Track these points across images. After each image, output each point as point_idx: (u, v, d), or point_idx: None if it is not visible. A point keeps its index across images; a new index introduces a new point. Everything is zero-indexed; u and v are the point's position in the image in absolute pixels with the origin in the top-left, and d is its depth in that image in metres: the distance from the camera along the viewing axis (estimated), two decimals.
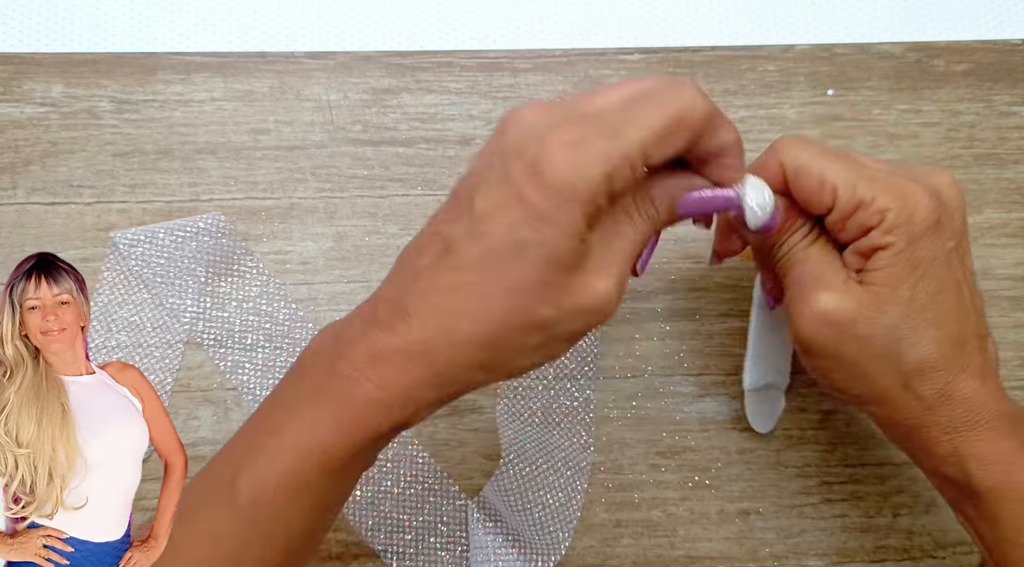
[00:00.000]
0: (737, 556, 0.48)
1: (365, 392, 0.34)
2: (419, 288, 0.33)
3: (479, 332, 0.33)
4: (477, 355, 0.34)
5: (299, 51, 0.52)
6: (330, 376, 0.34)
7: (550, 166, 0.32)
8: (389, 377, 0.34)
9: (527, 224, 0.32)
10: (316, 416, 0.34)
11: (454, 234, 0.33)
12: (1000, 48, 0.54)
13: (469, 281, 0.33)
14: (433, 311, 0.33)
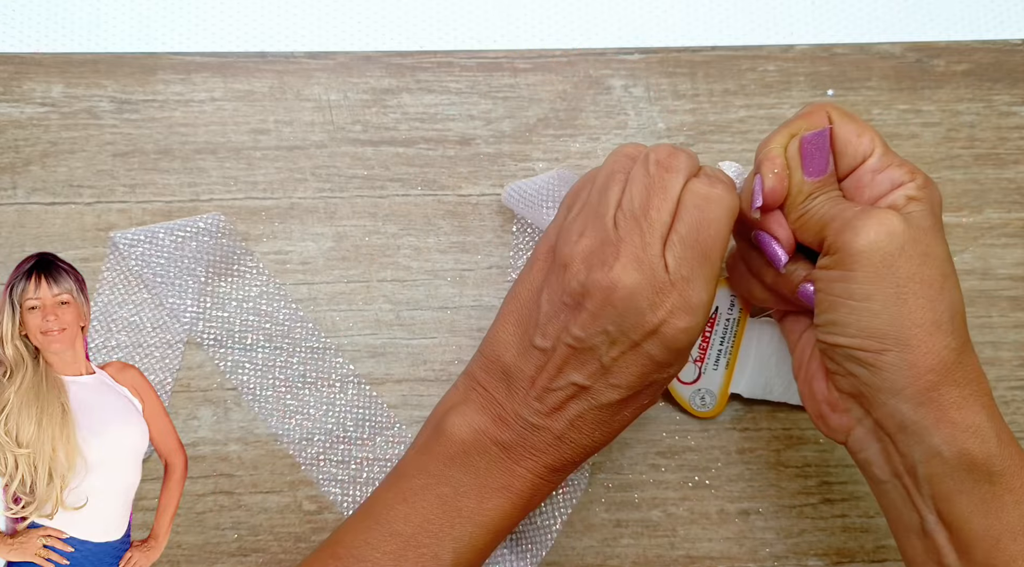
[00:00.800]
0: (737, 556, 0.48)
1: (546, 490, 0.42)
2: (573, 425, 0.40)
3: (617, 430, 0.42)
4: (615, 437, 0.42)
5: (299, 51, 0.52)
6: (516, 479, 0.41)
7: (674, 339, 0.38)
8: (562, 479, 0.42)
9: (658, 371, 0.39)
10: (509, 509, 0.41)
11: (591, 383, 0.40)
12: (1000, 48, 0.54)
13: (613, 413, 0.40)
14: (586, 437, 0.41)
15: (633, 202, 0.39)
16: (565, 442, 0.40)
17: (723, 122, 0.52)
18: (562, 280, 0.39)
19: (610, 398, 0.40)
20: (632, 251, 0.38)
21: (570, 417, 0.40)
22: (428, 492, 0.40)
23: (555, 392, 0.40)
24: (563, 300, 0.39)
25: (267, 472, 0.47)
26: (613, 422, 0.41)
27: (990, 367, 0.50)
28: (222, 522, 0.47)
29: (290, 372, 0.48)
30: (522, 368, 0.40)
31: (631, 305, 0.38)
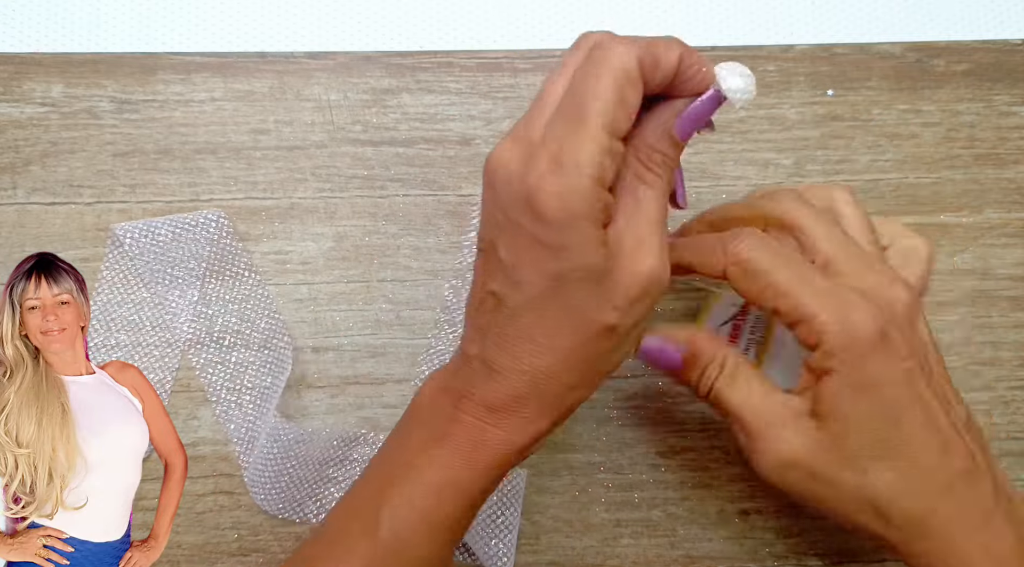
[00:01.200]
0: (737, 556, 0.48)
1: (492, 436, 0.37)
2: (493, 343, 0.36)
3: (560, 360, 0.36)
4: (568, 378, 0.36)
5: (299, 51, 0.52)
6: (455, 424, 0.37)
7: (545, 205, 0.34)
8: (508, 420, 0.37)
9: (552, 258, 0.34)
10: (450, 459, 0.37)
11: (499, 289, 0.36)
12: (1000, 48, 0.54)
13: (529, 323, 0.36)
14: (515, 360, 0.36)
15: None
16: (494, 369, 0.36)
17: (723, 122, 0.52)
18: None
19: (517, 300, 0.35)
20: (515, 130, 0.36)
21: (492, 335, 0.36)
22: (380, 459, 0.39)
23: (480, 311, 0.37)
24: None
25: None
26: (536, 338, 0.36)
27: (990, 367, 0.50)
28: (222, 522, 0.47)
29: (259, 381, 0.48)
30: (466, 302, 0.39)
31: (505, 178, 0.35)
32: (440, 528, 0.37)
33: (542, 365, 0.36)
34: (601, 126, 0.34)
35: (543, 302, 0.35)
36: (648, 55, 0.35)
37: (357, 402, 0.49)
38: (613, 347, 0.37)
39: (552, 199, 0.34)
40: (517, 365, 0.36)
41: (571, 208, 0.34)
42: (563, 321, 0.35)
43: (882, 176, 0.52)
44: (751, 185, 0.51)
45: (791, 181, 0.52)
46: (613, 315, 0.35)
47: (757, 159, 0.52)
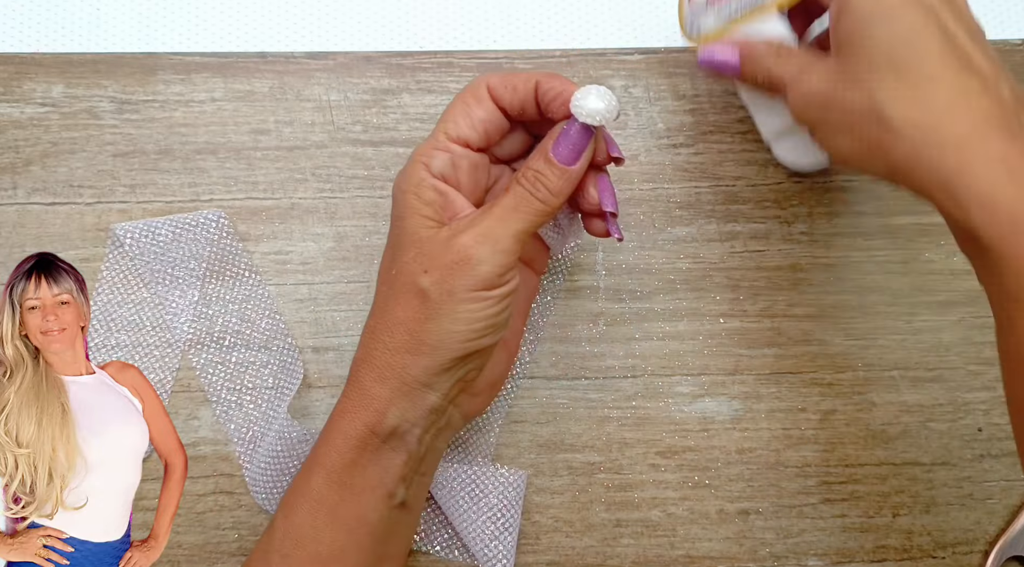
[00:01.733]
0: (737, 556, 0.48)
1: (339, 406, 0.40)
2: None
3: (384, 320, 0.40)
4: (391, 338, 0.40)
5: (299, 51, 0.52)
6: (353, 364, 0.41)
7: (392, 187, 0.41)
8: (350, 389, 0.40)
9: (392, 230, 0.41)
10: (345, 403, 0.40)
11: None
12: (1000, 48, 0.54)
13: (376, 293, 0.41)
14: (364, 327, 0.41)
15: None
16: (360, 344, 0.41)
17: (723, 122, 0.52)
18: None
19: (378, 277, 0.42)
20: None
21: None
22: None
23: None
24: None
25: None
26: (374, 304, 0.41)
27: (990, 367, 0.50)
28: (222, 522, 0.47)
29: (260, 382, 0.48)
30: None
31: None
32: (316, 505, 0.39)
33: (372, 325, 0.40)
34: (441, 130, 0.41)
35: (382, 269, 0.41)
36: (501, 80, 0.41)
37: None
38: (428, 314, 0.39)
39: (395, 182, 0.41)
40: (365, 331, 0.41)
41: (399, 183, 0.41)
42: (389, 284, 0.40)
43: None
44: (751, 185, 0.52)
45: (791, 181, 0.52)
46: (424, 279, 0.39)
47: (757, 159, 0.52)
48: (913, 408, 0.50)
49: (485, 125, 0.41)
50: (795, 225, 0.51)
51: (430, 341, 0.39)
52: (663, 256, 0.51)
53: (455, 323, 0.39)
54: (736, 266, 0.50)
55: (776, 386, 0.50)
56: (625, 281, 0.50)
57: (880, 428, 0.49)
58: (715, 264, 0.51)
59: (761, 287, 0.50)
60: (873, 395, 0.50)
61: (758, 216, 0.51)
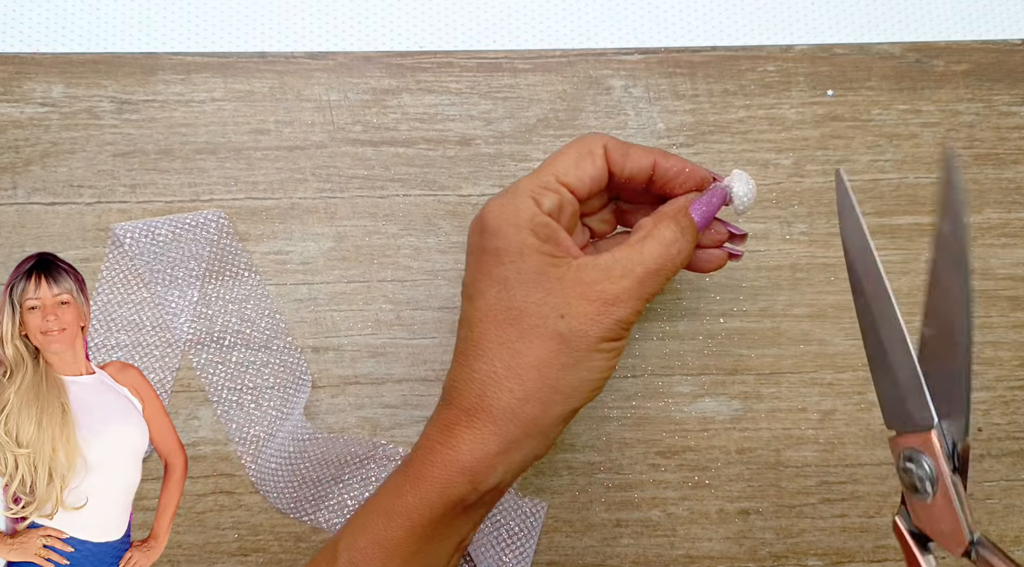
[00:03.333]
0: (737, 556, 0.48)
1: (441, 456, 0.37)
2: (456, 362, 0.39)
3: (510, 364, 0.37)
4: (514, 386, 0.37)
5: (299, 51, 0.52)
6: (414, 450, 0.39)
7: (488, 215, 0.39)
8: (458, 436, 0.38)
9: (496, 264, 0.38)
10: (400, 482, 0.38)
11: (462, 311, 0.39)
12: (1000, 48, 0.54)
13: (483, 330, 0.38)
14: (468, 370, 0.38)
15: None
16: (451, 386, 0.39)
17: (723, 122, 0.52)
18: None
19: (472, 313, 0.38)
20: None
21: (455, 355, 0.39)
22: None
23: (456, 343, 0.40)
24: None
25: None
26: (486, 344, 0.38)
27: (990, 367, 0.50)
28: (222, 522, 0.47)
29: (260, 381, 0.48)
30: None
31: (474, 219, 0.40)
32: (391, 553, 0.38)
33: (490, 370, 0.37)
34: (550, 171, 0.39)
35: (493, 308, 0.38)
36: (618, 145, 0.41)
37: (357, 402, 0.49)
38: (564, 361, 0.37)
39: (494, 210, 0.38)
40: (468, 374, 0.38)
41: (506, 216, 0.38)
42: (511, 324, 0.37)
43: (882, 176, 0.52)
44: None
45: (790, 181, 0.52)
46: (560, 323, 0.37)
47: (757, 159, 0.52)
48: None
49: (592, 181, 0.40)
50: (795, 225, 0.51)
51: (565, 389, 0.37)
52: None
53: (591, 371, 0.38)
54: (736, 266, 0.50)
55: (776, 386, 0.50)
56: None
57: (880, 428, 0.49)
58: None
59: (761, 287, 0.50)
60: (873, 395, 0.49)
61: (758, 216, 0.51)
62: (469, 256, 0.40)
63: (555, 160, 0.40)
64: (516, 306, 0.37)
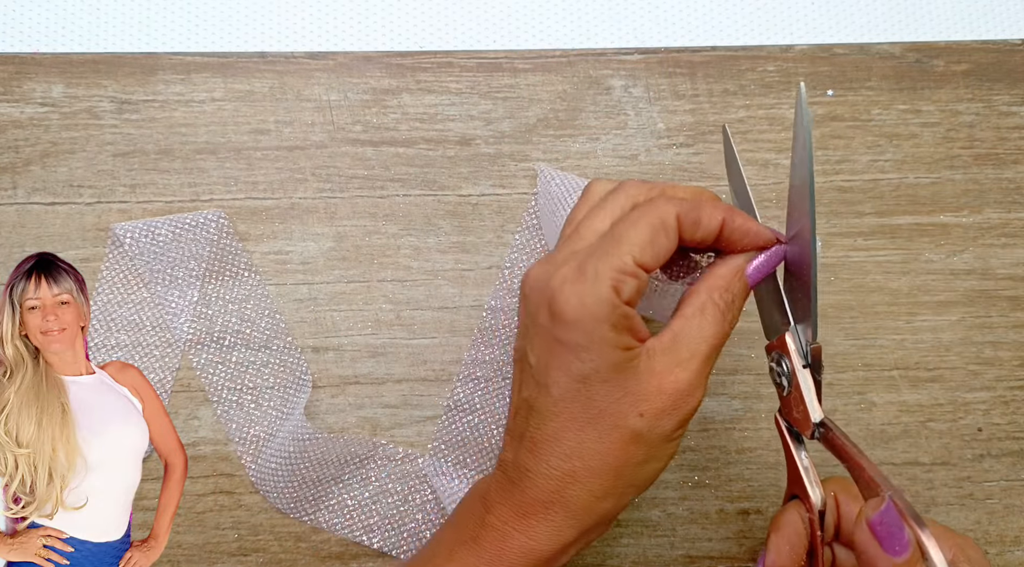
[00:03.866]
0: (737, 556, 0.48)
1: (518, 543, 0.38)
2: (527, 448, 0.38)
3: (586, 466, 0.37)
4: (594, 485, 0.37)
5: (299, 51, 0.52)
6: (483, 528, 0.38)
7: (565, 304, 0.36)
8: (535, 526, 0.38)
9: (575, 359, 0.36)
10: (474, 562, 0.38)
11: (530, 394, 0.38)
12: (1000, 48, 0.54)
13: (558, 427, 0.37)
14: (544, 464, 0.37)
15: (579, 217, 0.39)
16: (525, 474, 0.38)
17: (723, 122, 0.52)
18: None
19: (545, 403, 0.37)
20: (551, 255, 0.38)
21: (526, 441, 0.38)
22: (416, 555, 0.41)
23: (516, 419, 0.39)
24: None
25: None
26: (564, 441, 0.37)
27: (990, 367, 0.50)
28: (222, 522, 0.47)
29: (260, 381, 0.48)
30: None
31: (536, 287, 0.38)
32: None
33: (569, 469, 0.37)
34: (627, 251, 0.37)
35: (570, 404, 0.37)
36: (690, 213, 0.38)
37: (357, 402, 0.49)
38: (642, 458, 0.37)
39: (571, 299, 0.36)
40: (546, 469, 0.37)
41: (588, 309, 0.36)
42: (589, 424, 0.37)
43: (882, 176, 0.52)
44: (751, 185, 0.51)
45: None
46: (639, 422, 0.37)
47: (757, 159, 0.52)
48: (913, 408, 0.50)
49: (666, 256, 0.38)
50: None
51: (639, 483, 0.38)
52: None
53: (662, 460, 0.38)
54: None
55: None
56: None
57: (880, 428, 0.49)
58: None
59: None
60: (873, 395, 0.50)
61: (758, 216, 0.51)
62: (536, 336, 0.38)
63: (628, 234, 0.37)
64: (596, 405, 0.37)
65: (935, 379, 0.50)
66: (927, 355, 0.50)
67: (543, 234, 0.50)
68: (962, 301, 0.51)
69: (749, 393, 0.49)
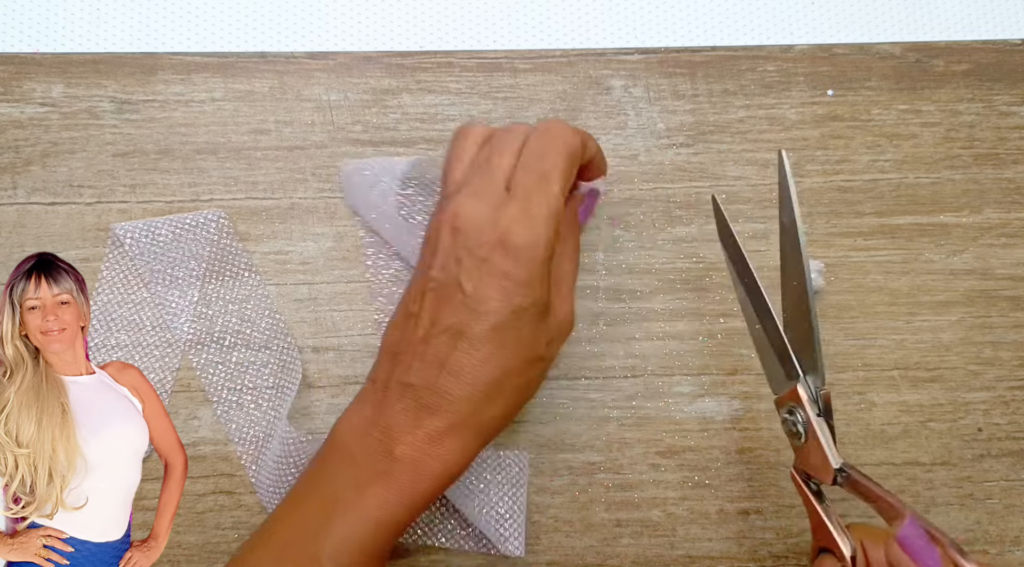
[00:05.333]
0: (737, 556, 0.48)
1: (431, 468, 0.39)
2: (451, 372, 0.39)
3: (506, 390, 0.40)
4: (503, 404, 0.40)
5: (299, 51, 0.52)
6: (392, 460, 0.39)
7: (516, 240, 0.39)
8: (448, 450, 0.39)
9: (518, 293, 0.39)
10: (387, 495, 0.39)
11: (460, 320, 0.39)
12: (1000, 48, 0.54)
13: (489, 353, 0.39)
14: (471, 388, 0.39)
15: (478, 160, 0.42)
16: (442, 397, 0.39)
17: (723, 122, 0.52)
18: (431, 236, 0.41)
19: (479, 330, 0.39)
20: (471, 188, 0.41)
21: (446, 364, 0.39)
22: (310, 494, 0.40)
23: (430, 342, 0.40)
24: (425, 262, 0.41)
25: None
26: (493, 366, 0.39)
27: (990, 367, 0.50)
28: (222, 522, 0.47)
29: (260, 381, 0.48)
30: (403, 337, 0.41)
31: (472, 224, 0.39)
32: (377, 558, 0.39)
33: (492, 394, 0.39)
34: (557, 189, 0.40)
35: (503, 332, 0.39)
36: (585, 139, 0.43)
37: None
38: (539, 377, 0.42)
39: (522, 237, 0.39)
40: (469, 392, 0.39)
41: (536, 249, 0.39)
42: (515, 352, 0.40)
43: (882, 176, 0.52)
44: (751, 185, 0.52)
45: None
46: (546, 349, 0.41)
47: (757, 159, 0.52)
48: (913, 408, 0.50)
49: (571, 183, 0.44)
50: None
51: (531, 396, 0.43)
52: (663, 256, 0.51)
53: (544, 377, 0.45)
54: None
55: None
56: (625, 281, 0.50)
57: (880, 428, 0.49)
58: (715, 264, 0.51)
59: (761, 287, 0.50)
60: (873, 395, 0.50)
61: (758, 216, 0.51)
62: (476, 268, 0.39)
63: (553, 166, 0.41)
64: (521, 335, 0.40)
65: (935, 379, 0.50)
66: (927, 355, 0.50)
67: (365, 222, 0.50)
68: (962, 301, 0.51)
69: (749, 393, 0.49)
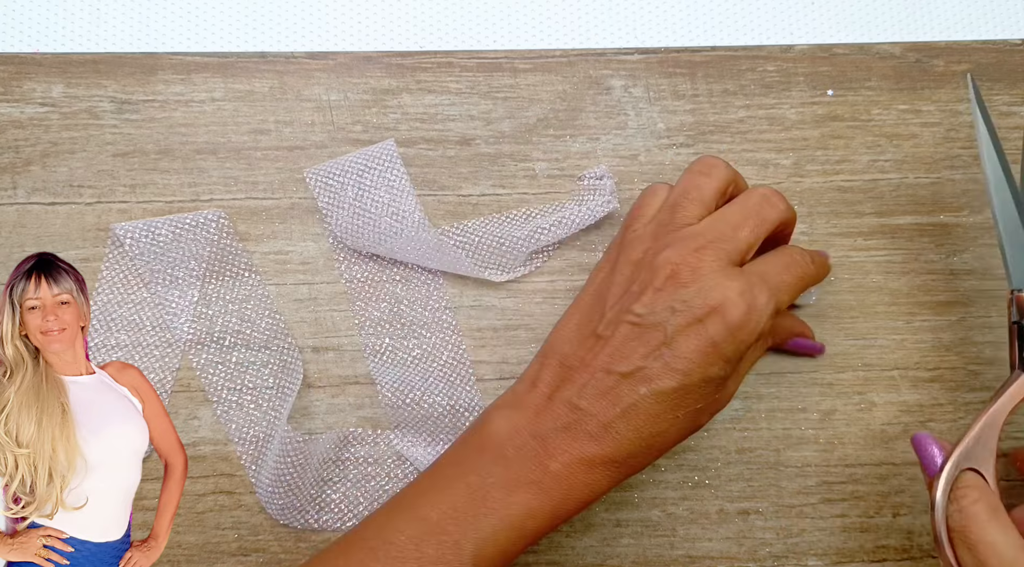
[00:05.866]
0: (737, 556, 0.48)
1: (580, 493, 0.40)
2: (626, 415, 0.40)
3: (661, 445, 0.41)
4: (654, 456, 0.42)
5: (299, 51, 0.52)
6: (546, 474, 0.40)
7: (737, 317, 0.40)
8: (599, 479, 0.40)
9: (716, 365, 0.40)
10: (536, 505, 0.40)
11: (651, 367, 0.40)
12: (1000, 48, 0.54)
13: (666, 409, 0.40)
14: (638, 432, 0.40)
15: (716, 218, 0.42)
16: (609, 432, 0.40)
17: (723, 122, 0.52)
18: (632, 269, 0.41)
19: (667, 385, 0.39)
20: (702, 240, 0.41)
21: (623, 404, 0.40)
22: (457, 481, 0.40)
23: (613, 374, 0.40)
24: (629, 288, 0.41)
25: None
26: (664, 421, 0.40)
27: (990, 367, 0.50)
28: (222, 522, 0.47)
29: (260, 381, 0.48)
30: (581, 355, 0.41)
31: (695, 280, 0.40)
32: (509, 562, 0.40)
33: (655, 445, 0.41)
34: (782, 299, 0.42)
35: (686, 394, 0.40)
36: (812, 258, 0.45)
37: (357, 402, 0.49)
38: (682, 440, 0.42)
39: (742, 318, 0.40)
40: (635, 437, 0.40)
41: (746, 335, 0.40)
42: (684, 415, 0.40)
43: (882, 176, 0.52)
44: (751, 185, 0.51)
45: (790, 181, 0.52)
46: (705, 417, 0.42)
47: (757, 159, 0.52)
48: (913, 408, 0.50)
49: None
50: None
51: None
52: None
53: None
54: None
55: (776, 386, 0.50)
56: None
57: (880, 428, 0.49)
58: None
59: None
60: (873, 395, 0.50)
61: None
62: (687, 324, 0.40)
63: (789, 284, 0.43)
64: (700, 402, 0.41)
65: (935, 379, 0.50)
66: (927, 355, 0.50)
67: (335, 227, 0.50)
68: (962, 301, 0.51)
69: (749, 393, 0.49)
